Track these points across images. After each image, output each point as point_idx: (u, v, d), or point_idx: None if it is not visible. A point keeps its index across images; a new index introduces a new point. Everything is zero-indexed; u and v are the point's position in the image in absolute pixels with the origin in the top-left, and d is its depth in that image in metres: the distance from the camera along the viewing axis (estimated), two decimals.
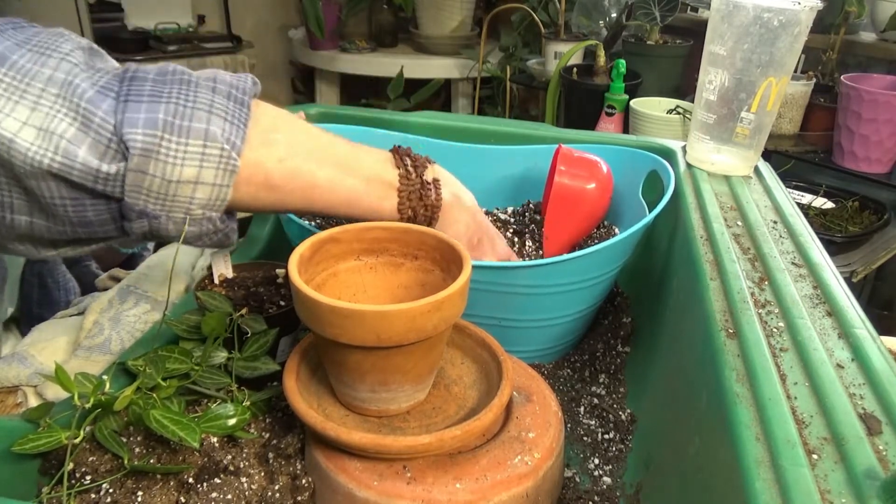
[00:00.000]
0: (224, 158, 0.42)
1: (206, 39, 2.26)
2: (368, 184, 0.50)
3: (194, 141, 0.41)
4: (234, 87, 0.44)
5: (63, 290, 0.76)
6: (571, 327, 0.67)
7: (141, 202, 0.41)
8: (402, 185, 0.51)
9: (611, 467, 0.55)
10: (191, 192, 0.42)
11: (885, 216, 1.35)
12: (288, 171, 0.46)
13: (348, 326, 0.41)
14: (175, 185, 0.41)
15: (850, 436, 0.36)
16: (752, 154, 0.75)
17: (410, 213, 0.52)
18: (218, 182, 0.42)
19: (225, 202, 0.44)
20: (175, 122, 0.40)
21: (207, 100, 0.42)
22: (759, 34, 0.68)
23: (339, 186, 0.49)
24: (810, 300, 0.50)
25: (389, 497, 0.42)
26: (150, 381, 0.47)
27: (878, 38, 1.62)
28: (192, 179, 0.41)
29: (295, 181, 0.46)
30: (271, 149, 0.45)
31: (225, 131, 0.42)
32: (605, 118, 1.49)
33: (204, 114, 0.41)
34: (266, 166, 0.45)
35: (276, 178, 0.45)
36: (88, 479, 0.44)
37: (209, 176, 0.42)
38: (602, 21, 1.75)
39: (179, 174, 0.41)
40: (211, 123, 0.41)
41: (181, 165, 0.41)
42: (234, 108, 0.43)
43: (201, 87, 0.42)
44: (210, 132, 0.41)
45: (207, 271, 0.62)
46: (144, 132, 0.39)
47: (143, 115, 0.40)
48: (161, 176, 0.40)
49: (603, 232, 0.72)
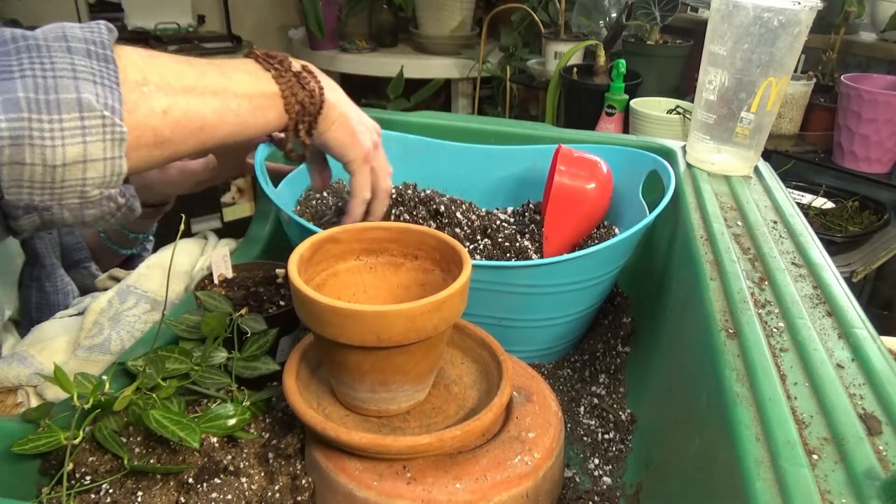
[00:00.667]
0: (108, 127, 0.37)
1: (206, 39, 2.26)
2: (251, 101, 0.47)
3: (68, 115, 0.36)
4: (90, 41, 0.38)
5: (62, 293, 0.76)
6: (571, 327, 0.67)
7: (25, 196, 0.36)
8: (281, 84, 0.48)
9: (611, 467, 0.55)
10: (81, 174, 0.37)
11: (885, 216, 1.35)
12: (174, 121, 0.42)
13: (348, 326, 0.41)
14: (61, 170, 0.36)
15: (850, 436, 0.36)
16: (752, 154, 0.75)
17: (298, 107, 0.49)
18: (108, 155, 0.38)
19: (122, 175, 0.39)
20: (40, 97, 0.35)
21: (67, 63, 0.37)
22: (759, 34, 0.68)
23: (226, 116, 0.45)
24: (810, 300, 0.50)
25: (389, 497, 0.42)
26: (150, 381, 0.47)
27: (878, 38, 1.62)
28: (78, 159, 0.36)
29: (184, 129, 0.42)
30: (151, 103, 0.40)
31: (99, 96, 0.37)
32: (605, 118, 1.49)
33: (69, 81, 0.36)
34: (151, 124, 0.40)
35: (165, 133, 0.41)
36: (88, 479, 0.44)
37: (97, 151, 0.37)
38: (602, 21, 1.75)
39: (63, 156, 0.36)
40: (81, 91, 0.36)
41: (62, 146, 0.36)
42: (99, 66, 0.38)
43: (54, 50, 0.37)
44: (83, 101, 0.36)
45: (207, 271, 0.62)
46: (8, 118, 0.34)
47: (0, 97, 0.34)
48: (42, 163, 0.35)
49: (603, 232, 0.72)
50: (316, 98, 0.50)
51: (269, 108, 0.48)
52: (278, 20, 2.65)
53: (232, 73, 0.47)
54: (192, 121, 0.43)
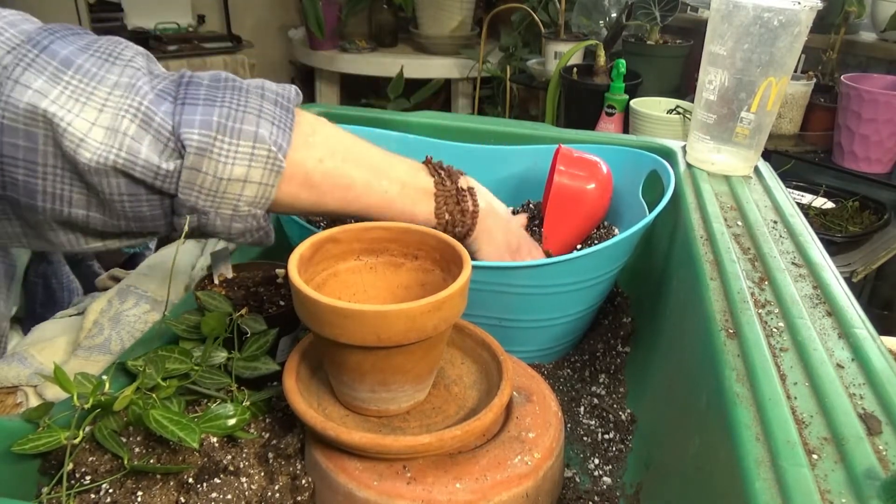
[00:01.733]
0: (271, 159, 0.45)
1: (205, 39, 2.26)
2: (403, 188, 0.52)
3: (245, 142, 0.44)
4: (280, 95, 0.47)
5: (67, 290, 0.77)
6: (571, 327, 0.67)
7: (192, 198, 0.44)
8: (438, 190, 0.54)
9: (611, 467, 0.55)
10: (239, 190, 0.45)
11: (885, 216, 1.35)
12: (326, 171, 0.48)
13: (348, 326, 0.41)
14: (225, 183, 0.44)
15: (850, 436, 0.36)
16: (752, 154, 0.75)
17: (448, 217, 0.54)
18: (264, 181, 0.45)
19: (270, 200, 0.46)
20: (228, 123, 0.43)
21: (257, 105, 0.45)
22: (759, 34, 0.68)
23: (375, 188, 0.51)
24: (810, 300, 0.50)
25: (389, 497, 0.42)
26: (150, 381, 0.47)
27: (878, 38, 1.62)
28: (241, 178, 0.44)
29: (332, 181, 0.49)
30: (311, 150, 0.48)
31: (272, 134, 0.45)
32: (605, 118, 1.49)
33: (254, 117, 0.44)
34: (306, 166, 0.47)
35: (315, 178, 0.48)
36: (88, 479, 0.44)
37: (257, 175, 0.44)
38: (602, 21, 1.75)
39: (230, 172, 0.44)
40: (260, 126, 0.44)
41: (232, 164, 0.43)
42: (280, 113, 0.46)
43: (251, 93, 0.45)
44: (259, 134, 0.44)
45: (207, 271, 0.62)
46: (200, 132, 0.42)
47: (199, 117, 0.43)
48: (213, 174, 0.43)
49: (603, 232, 0.72)
50: (467, 218, 0.55)
51: (419, 202, 0.53)
52: (278, 20, 2.65)
53: (397, 161, 0.53)
54: (341, 178, 0.49)
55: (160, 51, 2.14)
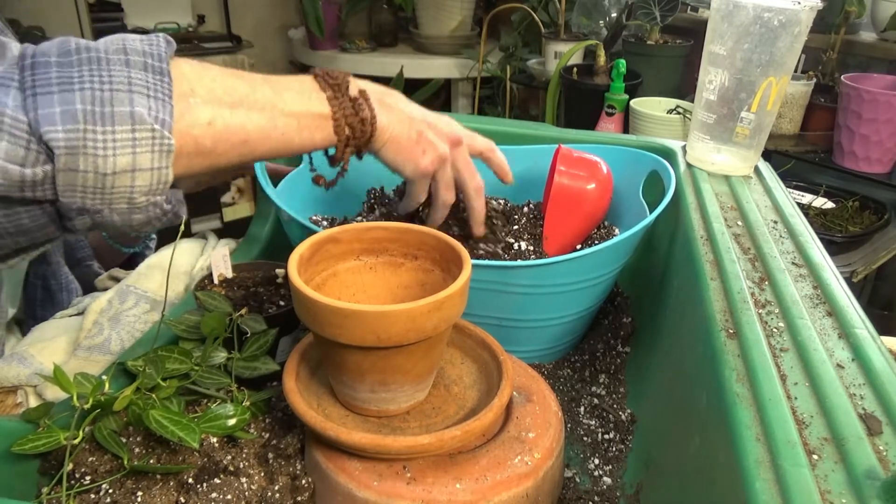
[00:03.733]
0: (157, 139, 0.39)
1: (205, 39, 2.26)
2: (299, 120, 0.48)
3: (121, 127, 0.38)
4: (149, 54, 0.40)
5: (66, 291, 0.77)
6: (571, 327, 0.67)
7: (78, 200, 0.39)
8: (334, 108, 0.49)
9: (611, 467, 0.55)
10: (130, 182, 0.39)
11: (885, 216, 1.35)
12: (217, 132, 0.43)
13: (348, 326, 0.41)
14: (111, 178, 0.38)
15: (850, 436, 0.36)
16: (753, 154, 0.75)
17: (348, 131, 0.50)
18: (156, 165, 0.40)
19: (167, 184, 0.41)
20: (95, 109, 0.37)
21: (124, 77, 0.38)
22: (759, 34, 0.68)
23: (271, 132, 0.46)
24: (810, 300, 0.50)
25: (389, 497, 0.42)
26: (150, 381, 0.47)
27: (879, 38, 1.62)
28: (127, 168, 0.39)
29: (226, 141, 0.44)
30: (196, 114, 0.42)
31: (151, 109, 0.39)
32: (605, 118, 1.49)
33: (125, 94, 0.38)
34: (194, 134, 0.42)
35: (206, 144, 0.43)
36: (88, 479, 0.44)
37: (145, 161, 0.39)
38: (602, 21, 1.75)
39: (113, 165, 0.38)
40: (134, 104, 0.38)
41: (113, 156, 0.38)
42: (153, 80, 0.40)
43: (113, 63, 0.39)
44: (136, 114, 0.38)
45: (207, 271, 0.62)
46: (66, 129, 0.36)
47: (59, 109, 0.36)
48: (94, 170, 0.38)
49: (603, 232, 0.72)
50: (367, 125, 0.51)
51: (316, 129, 0.49)
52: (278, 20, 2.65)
53: (284, 90, 0.48)
54: (235, 134, 0.44)
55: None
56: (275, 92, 0.47)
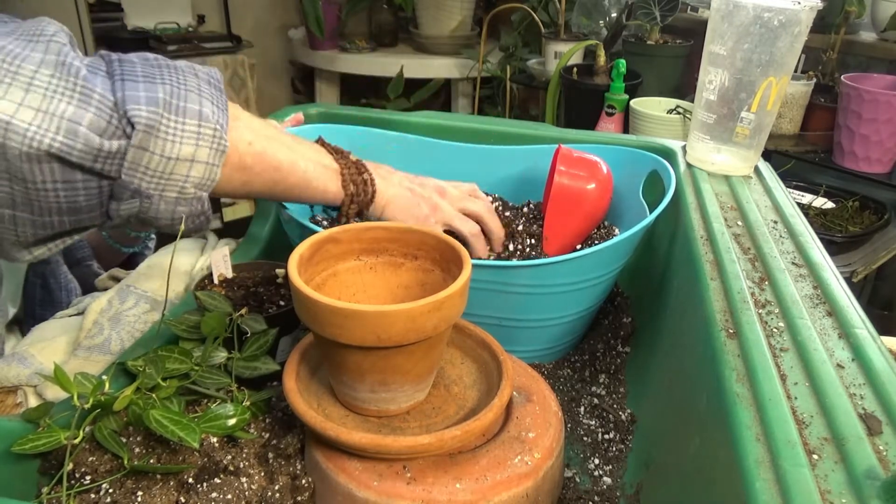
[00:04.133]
0: (217, 138, 0.44)
1: (205, 39, 2.26)
2: (316, 167, 0.54)
3: (191, 120, 0.43)
4: (211, 75, 0.46)
5: (65, 290, 0.77)
6: (571, 327, 0.67)
7: (137, 180, 0.42)
8: (341, 165, 0.56)
9: (611, 467, 0.55)
10: (186, 171, 0.43)
11: (885, 216, 1.35)
12: (256, 153, 0.49)
13: (348, 326, 0.41)
14: (173, 163, 0.43)
15: (850, 436, 0.36)
16: (753, 154, 0.75)
17: (353, 188, 0.56)
18: (210, 161, 0.44)
19: (214, 182, 0.46)
20: (173, 101, 0.42)
21: (195, 84, 0.44)
22: (759, 34, 0.68)
23: (297, 168, 0.52)
24: (810, 300, 0.50)
25: (389, 497, 0.42)
26: (150, 381, 0.47)
27: (879, 38, 1.62)
28: (189, 157, 0.43)
29: (262, 163, 0.49)
30: (240, 133, 0.48)
31: (214, 113, 0.44)
32: (605, 118, 1.48)
33: (195, 96, 0.43)
34: (239, 148, 0.47)
35: (247, 160, 0.48)
36: (88, 479, 0.44)
37: (204, 154, 0.44)
38: (602, 21, 1.75)
39: (178, 152, 0.42)
40: (203, 105, 0.44)
41: (180, 143, 0.42)
42: (215, 93, 0.45)
43: (186, 72, 0.44)
44: (203, 113, 0.43)
45: (207, 271, 0.62)
46: (148, 109, 0.41)
47: (144, 94, 0.41)
48: (161, 153, 0.42)
49: (603, 232, 0.72)
50: (369, 186, 0.57)
51: (329, 180, 0.55)
52: (278, 20, 2.65)
53: (302, 143, 0.55)
54: (270, 159, 0.50)
55: (160, 51, 2.14)
56: (295, 140, 0.54)
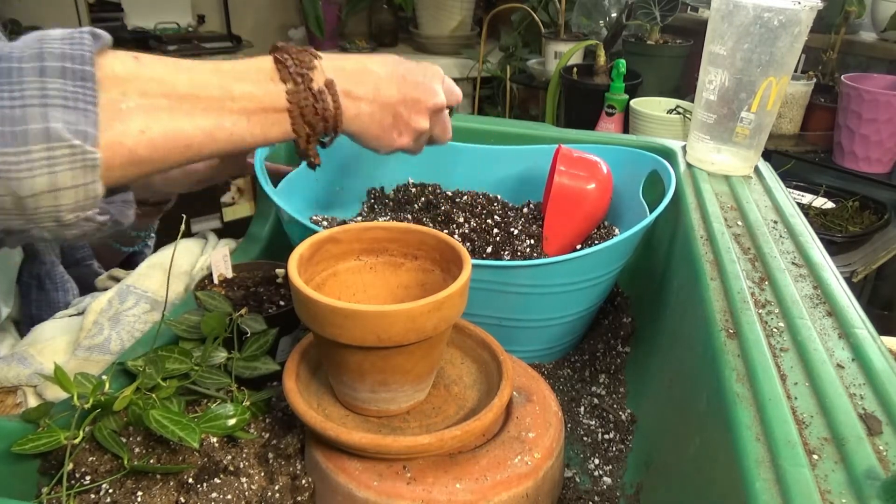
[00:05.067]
0: (78, 156, 0.36)
1: (205, 39, 2.26)
2: (250, 117, 0.44)
3: (35, 146, 0.35)
4: (69, 57, 0.37)
5: (62, 291, 0.76)
6: (571, 327, 0.67)
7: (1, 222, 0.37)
8: (292, 101, 0.45)
9: (611, 467, 0.55)
10: (53, 201, 0.37)
11: (885, 216, 1.35)
12: (152, 140, 0.40)
13: (348, 326, 0.41)
14: (32, 199, 0.36)
15: (850, 436, 0.36)
16: (753, 154, 0.75)
17: (307, 128, 0.47)
18: (80, 182, 0.37)
19: (97, 198, 0.38)
20: (6, 129, 0.34)
21: (37, 89, 0.35)
22: (759, 34, 0.68)
23: (217, 134, 0.43)
24: (810, 300, 0.50)
25: (389, 497, 0.42)
26: (150, 381, 0.47)
27: (879, 38, 1.62)
28: (47, 189, 0.36)
29: (164, 148, 0.40)
30: (127, 122, 0.39)
31: (70, 123, 0.36)
32: (605, 118, 1.49)
33: (37, 109, 0.35)
34: (126, 143, 0.39)
35: (141, 152, 0.39)
36: (88, 479, 0.43)
37: (66, 180, 0.36)
38: (602, 21, 1.75)
39: (31, 188, 0.35)
40: (49, 119, 0.35)
41: (29, 178, 0.35)
42: (73, 88, 0.36)
43: (26, 73, 0.36)
44: (51, 130, 0.35)
45: (207, 271, 0.62)
46: None
47: None
48: (10, 194, 0.35)
49: (603, 232, 0.72)
50: (330, 120, 0.48)
51: (271, 125, 0.45)
52: (278, 20, 2.65)
53: (235, 82, 0.44)
54: (175, 140, 0.41)
55: (160, 51, 2.14)
56: (223, 85, 0.43)
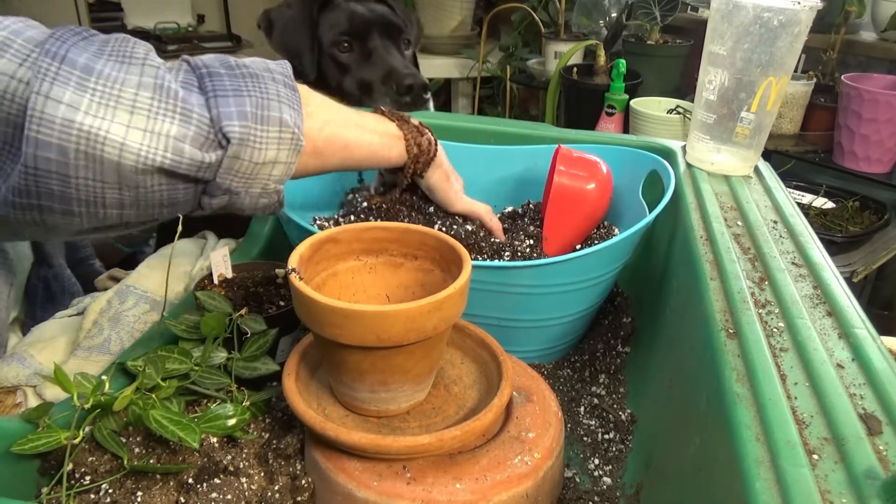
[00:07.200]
0: (295, 140, 0.49)
1: (205, 39, 2.27)
2: (381, 137, 0.59)
3: (272, 128, 0.47)
4: (284, 74, 0.51)
5: (68, 293, 0.77)
6: (571, 327, 0.67)
7: (228, 182, 0.47)
8: (404, 130, 0.61)
9: (611, 467, 0.55)
10: (269, 171, 0.48)
11: (885, 216, 1.35)
12: (327, 137, 0.53)
13: (348, 326, 0.41)
14: (259, 167, 0.48)
15: (850, 436, 0.36)
16: (753, 154, 0.74)
17: (416, 150, 0.61)
18: (289, 160, 0.49)
19: (291, 175, 0.50)
20: (259, 112, 0.47)
21: (275, 90, 0.48)
22: (759, 34, 0.68)
23: (363, 143, 0.57)
24: (810, 300, 0.50)
25: (389, 497, 0.42)
26: (150, 381, 0.47)
27: (879, 38, 1.62)
28: (272, 160, 0.48)
29: (333, 144, 0.54)
30: (312, 121, 0.52)
31: (292, 117, 0.48)
32: (605, 118, 1.49)
33: (276, 103, 0.48)
34: (312, 136, 0.52)
35: (319, 145, 0.53)
36: (88, 479, 0.43)
37: (284, 156, 0.49)
38: (602, 21, 1.75)
39: (264, 157, 0.47)
40: (283, 112, 0.48)
41: (265, 149, 0.47)
42: (290, 94, 0.49)
43: (265, 79, 0.49)
44: (284, 119, 0.48)
45: (207, 271, 0.62)
46: (241, 123, 0.45)
47: (235, 109, 0.46)
48: (250, 159, 0.47)
49: (603, 232, 0.72)
50: (432, 145, 0.63)
51: (394, 147, 0.60)
52: None
53: (365, 115, 0.59)
54: (339, 140, 0.54)
55: (160, 50, 2.14)
56: (360, 115, 0.58)
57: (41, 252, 0.73)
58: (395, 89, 0.99)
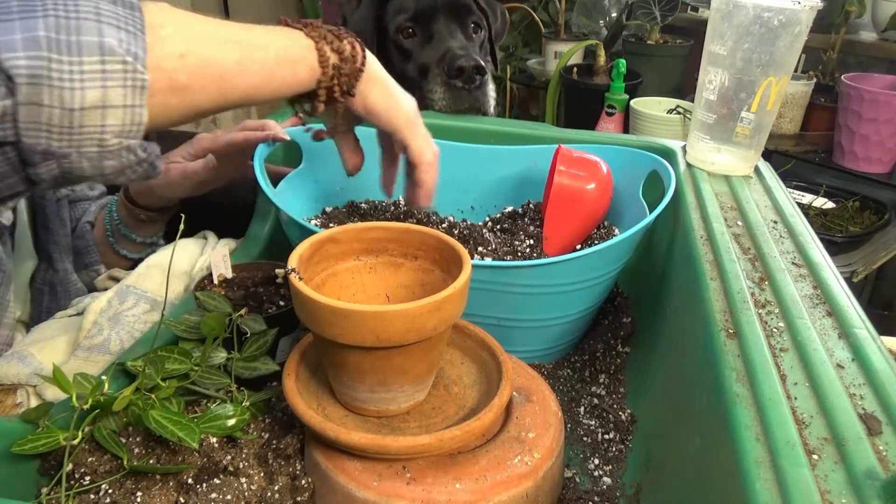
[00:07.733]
0: (129, 73, 0.36)
1: None
2: (278, 52, 0.46)
3: (89, 58, 0.35)
4: None
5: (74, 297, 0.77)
6: (571, 327, 0.67)
7: (42, 141, 0.36)
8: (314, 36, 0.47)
9: (611, 467, 0.55)
10: (100, 120, 0.36)
11: (885, 216, 1.35)
12: (191, 66, 0.40)
13: (348, 327, 0.41)
14: (79, 114, 0.36)
15: (850, 436, 0.36)
16: (753, 154, 0.74)
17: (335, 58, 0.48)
18: (129, 102, 0.37)
19: (142, 126, 0.38)
20: (61, 37, 0.34)
21: (92, 7, 0.36)
22: (759, 34, 0.68)
23: (250, 67, 0.44)
24: (810, 300, 0.49)
25: (389, 497, 0.42)
26: (150, 381, 0.47)
27: (879, 38, 1.62)
28: (97, 104, 0.36)
29: (202, 75, 0.41)
30: (167, 46, 0.39)
31: (122, 41, 0.36)
32: (605, 118, 1.49)
33: (93, 24, 0.35)
34: (166, 68, 0.39)
35: (181, 78, 0.40)
36: (87, 479, 0.43)
37: (117, 97, 0.36)
38: (602, 21, 1.75)
39: (81, 100, 0.35)
40: (104, 34, 0.36)
41: (80, 89, 0.35)
42: (124, 12, 0.37)
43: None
44: (106, 44, 0.35)
45: (207, 271, 0.62)
46: (28, 55, 0.34)
47: (20, 36, 0.34)
48: (59, 105, 0.35)
49: (603, 232, 0.72)
50: (357, 53, 0.48)
51: (299, 62, 0.46)
52: None
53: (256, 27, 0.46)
54: (211, 67, 0.42)
55: None
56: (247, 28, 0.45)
57: (46, 255, 0.73)
58: (444, 70, 0.88)
